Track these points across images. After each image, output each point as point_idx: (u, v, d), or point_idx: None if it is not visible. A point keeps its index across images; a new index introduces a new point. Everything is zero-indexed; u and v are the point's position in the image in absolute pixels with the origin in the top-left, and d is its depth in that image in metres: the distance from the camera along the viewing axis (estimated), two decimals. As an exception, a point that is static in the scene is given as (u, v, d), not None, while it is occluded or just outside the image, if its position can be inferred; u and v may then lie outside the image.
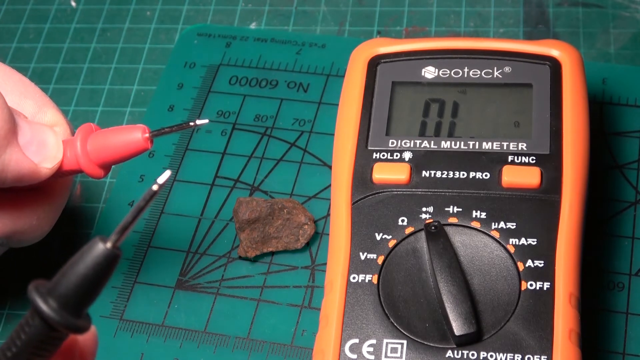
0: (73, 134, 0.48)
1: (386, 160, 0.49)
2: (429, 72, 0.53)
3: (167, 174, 0.33)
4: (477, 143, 0.50)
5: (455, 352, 0.43)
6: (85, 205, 0.58)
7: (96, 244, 0.32)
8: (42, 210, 0.48)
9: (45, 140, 0.45)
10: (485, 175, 0.48)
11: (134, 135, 0.43)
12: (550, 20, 0.64)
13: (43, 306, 0.31)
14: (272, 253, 0.54)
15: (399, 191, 0.48)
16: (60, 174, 0.46)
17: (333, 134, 0.52)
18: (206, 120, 0.44)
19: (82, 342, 0.34)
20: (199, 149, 0.58)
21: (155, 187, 0.32)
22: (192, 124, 0.43)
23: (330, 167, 0.55)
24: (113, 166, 0.59)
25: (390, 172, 0.49)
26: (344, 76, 0.54)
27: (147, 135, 0.43)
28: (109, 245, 0.32)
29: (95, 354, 0.35)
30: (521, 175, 0.48)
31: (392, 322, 0.45)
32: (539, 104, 0.51)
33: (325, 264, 0.50)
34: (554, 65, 0.52)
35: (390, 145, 0.50)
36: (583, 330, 0.45)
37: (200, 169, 0.58)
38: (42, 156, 0.45)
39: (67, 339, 0.32)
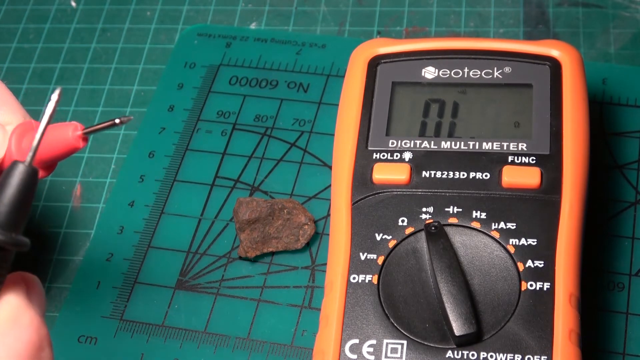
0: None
1: (386, 160, 0.49)
2: (429, 73, 0.53)
3: (57, 91, 0.37)
4: (477, 143, 0.50)
5: (455, 352, 0.43)
6: (85, 205, 0.58)
7: (16, 166, 0.35)
8: None
9: None
10: (486, 176, 0.48)
11: (64, 133, 0.41)
12: (550, 20, 0.64)
13: None
14: (272, 253, 0.54)
15: (399, 191, 0.48)
16: None
17: (333, 134, 0.52)
18: (130, 117, 0.42)
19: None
20: (199, 149, 0.58)
21: (55, 96, 0.37)
22: (117, 121, 0.40)
23: (330, 167, 0.55)
24: (113, 166, 0.59)
25: (390, 173, 0.49)
26: (344, 76, 0.54)
27: (78, 133, 0.41)
28: (27, 162, 0.35)
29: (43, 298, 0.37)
30: (521, 176, 0.48)
31: (392, 322, 0.45)
32: (539, 104, 0.51)
33: (326, 264, 0.50)
34: (554, 66, 0.52)
35: (390, 145, 0.50)
36: (583, 331, 0.45)
37: (200, 169, 0.58)
38: None
39: (11, 257, 0.35)
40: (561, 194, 0.47)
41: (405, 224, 0.47)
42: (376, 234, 0.47)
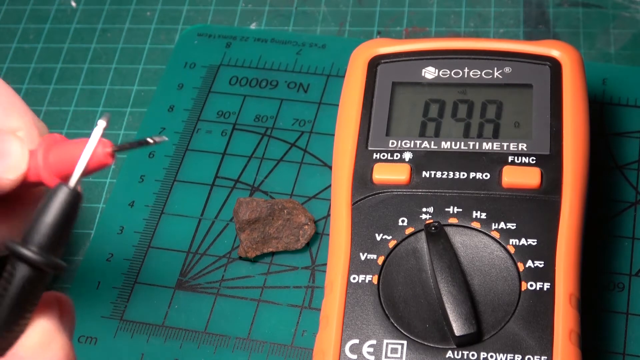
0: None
1: (386, 160, 0.49)
2: (429, 73, 0.53)
3: (103, 121, 0.37)
4: (477, 143, 0.50)
5: (456, 352, 0.43)
6: (85, 206, 0.58)
7: (61, 188, 0.35)
8: (9, 224, 0.46)
9: (8, 150, 0.43)
10: (486, 176, 0.48)
11: (95, 149, 0.41)
12: (550, 21, 0.64)
13: (25, 251, 0.34)
14: (273, 253, 0.54)
15: (399, 191, 0.48)
16: (24, 185, 0.44)
17: (333, 135, 0.52)
18: (165, 138, 0.42)
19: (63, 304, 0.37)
20: (199, 149, 0.58)
21: (102, 122, 0.37)
22: (150, 140, 0.41)
23: (330, 167, 0.55)
24: (113, 166, 0.59)
25: (390, 173, 0.49)
26: (344, 76, 0.54)
27: (108, 150, 0.41)
28: (71, 185, 0.36)
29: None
30: (521, 176, 0.48)
31: (392, 322, 0.45)
32: (539, 105, 0.51)
33: (326, 264, 0.50)
34: (554, 66, 0.52)
35: (390, 145, 0.50)
36: (583, 331, 0.45)
37: (200, 169, 0.58)
38: (3, 166, 0.42)
39: (47, 280, 0.35)
40: (561, 194, 0.47)
41: (405, 224, 0.47)
42: (376, 234, 0.47)
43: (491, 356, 0.43)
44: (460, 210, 0.47)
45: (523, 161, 0.48)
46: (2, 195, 0.44)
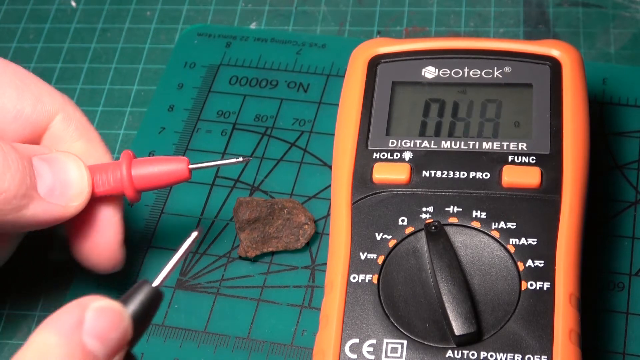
0: (79, 110, 0.49)
1: (386, 160, 0.49)
2: (429, 72, 0.53)
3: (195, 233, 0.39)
4: (477, 143, 0.50)
5: (456, 352, 0.43)
6: (85, 205, 0.58)
7: (144, 285, 0.37)
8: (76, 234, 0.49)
9: (68, 179, 0.45)
10: (486, 175, 0.48)
11: (178, 167, 0.47)
12: (550, 20, 0.64)
13: None
14: (272, 253, 0.54)
15: (399, 191, 0.48)
16: (101, 195, 0.47)
17: (333, 134, 0.52)
18: (249, 158, 0.49)
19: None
20: (199, 149, 0.58)
21: (195, 233, 0.39)
22: (234, 160, 0.48)
23: (330, 167, 0.55)
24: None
25: (390, 172, 0.49)
26: (344, 76, 0.54)
27: (191, 166, 0.47)
28: (155, 285, 0.37)
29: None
30: (521, 175, 0.48)
31: (392, 322, 0.45)
32: (539, 104, 0.51)
33: (326, 264, 0.50)
34: (554, 65, 0.52)
35: (390, 145, 0.50)
36: (583, 331, 0.45)
37: (200, 169, 0.57)
38: (67, 197, 0.45)
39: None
40: (561, 194, 0.47)
41: (405, 223, 0.47)
42: (376, 234, 0.47)
43: (491, 356, 0.43)
44: (460, 209, 0.47)
45: (523, 161, 0.49)
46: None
